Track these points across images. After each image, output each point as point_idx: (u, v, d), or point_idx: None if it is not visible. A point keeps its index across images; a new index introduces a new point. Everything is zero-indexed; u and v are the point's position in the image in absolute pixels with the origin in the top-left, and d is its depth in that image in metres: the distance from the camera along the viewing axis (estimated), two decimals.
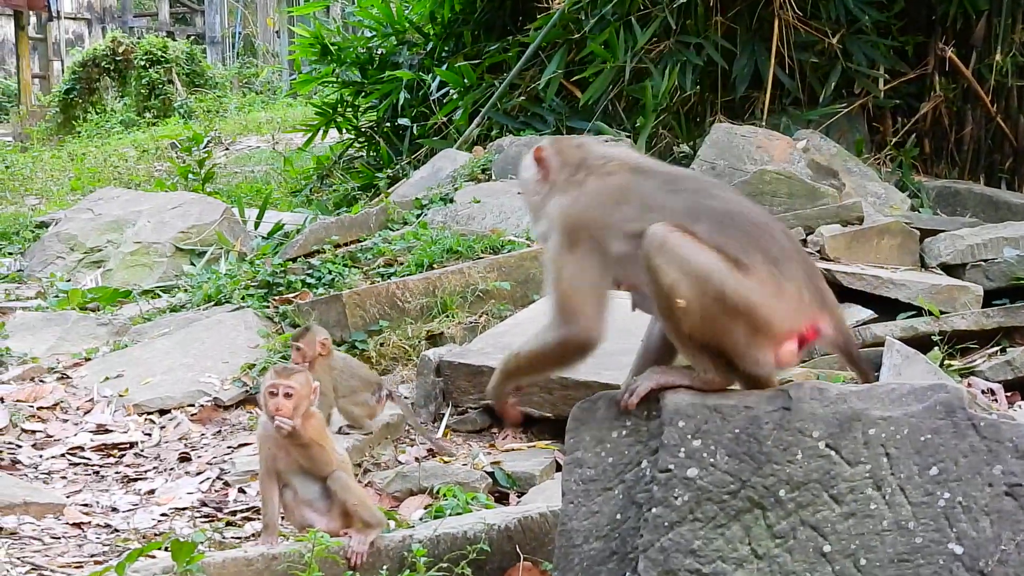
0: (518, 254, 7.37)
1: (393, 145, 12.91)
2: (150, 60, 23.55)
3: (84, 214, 10.53)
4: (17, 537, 4.83)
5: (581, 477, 3.52)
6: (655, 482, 3.37)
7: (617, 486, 3.47)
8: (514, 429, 5.41)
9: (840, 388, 3.44)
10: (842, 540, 3.24)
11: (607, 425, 3.55)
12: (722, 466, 3.33)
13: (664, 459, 3.38)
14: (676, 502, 3.33)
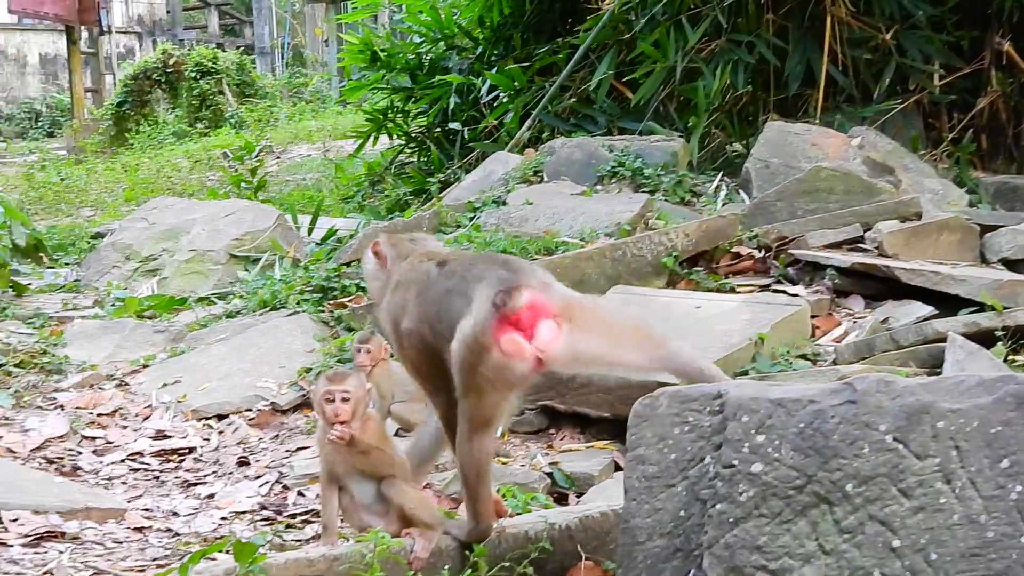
0: (573, 255, 7.33)
1: (444, 149, 12.93)
2: (201, 71, 23.73)
3: (139, 223, 10.60)
4: (80, 542, 4.86)
5: (644, 474, 3.50)
6: (719, 478, 3.34)
7: (680, 483, 3.44)
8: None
9: (907, 381, 3.39)
10: (912, 535, 3.18)
11: (669, 421, 3.52)
12: (787, 461, 3.29)
13: (728, 455, 3.34)
14: (741, 498, 3.29)
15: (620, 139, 10.33)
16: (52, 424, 6.38)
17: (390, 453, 4.18)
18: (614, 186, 9.56)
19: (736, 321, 6.32)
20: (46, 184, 16.88)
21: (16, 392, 6.78)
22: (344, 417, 4.10)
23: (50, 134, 30.94)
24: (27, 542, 4.78)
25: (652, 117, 10.91)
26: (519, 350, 3.72)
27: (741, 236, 7.73)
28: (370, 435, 4.15)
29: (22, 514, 4.97)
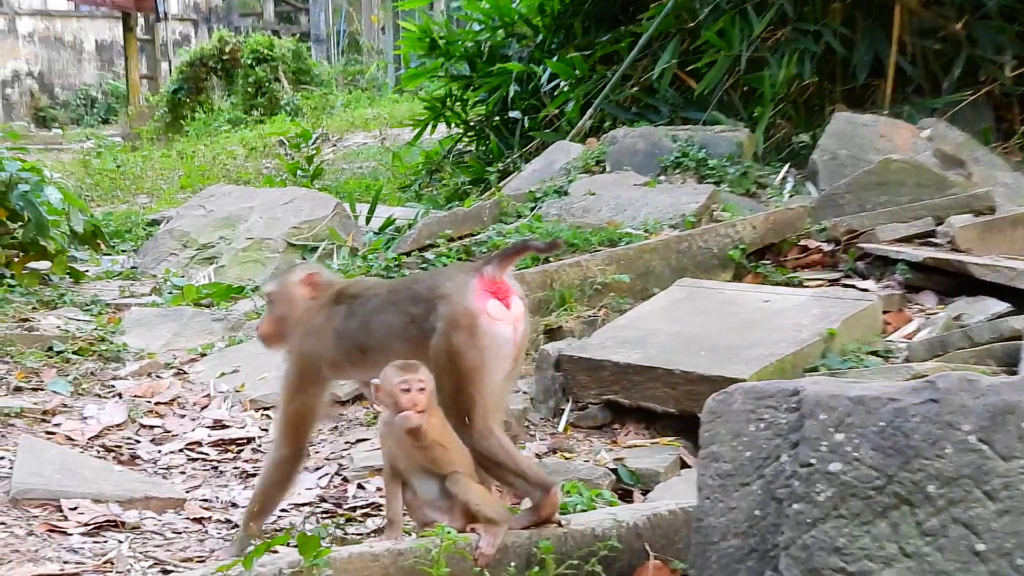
0: (637, 246, 7.29)
1: (503, 139, 12.90)
2: (256, 59, 23.80)
3: (196, 211, 10.64)
4: (139, 531, 4.87)
5: (718, 472, 3.45)
6: (796, 477, 3.28)
7: (755, 481, 3.39)
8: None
9: (990, 379, 3.32)
10: (996, 538, 3.12)
11: (744, 418, 3.46)
12: (867, 460, 3.23)
13: (805, 453, 3.29)
14: (819, 498, 3.24)
15: (684, 129, 10.27)
16: (110, 412, 6.40)
17: (452, 448, 4.13)
18: (678, 177, 9.51)
19: (806, 316, 6.25)
20: (102, 171, 17.00)
21: (75, 379, 6.81)
22: (421, 407, 4.06)
23: (105, 121, 31.20)
24: (87, 531, 4.80)
25: (716, 107, 10.83)
26: (504, 313, 4.07)
27: (809, 229, 7.66)
28: (433, 430, 4.12)
29: (82, 503, 5.00)
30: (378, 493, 5.35)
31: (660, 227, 7.99)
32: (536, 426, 6.10)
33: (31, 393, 6.58)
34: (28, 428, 6.06)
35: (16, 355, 6.99)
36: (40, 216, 9.12)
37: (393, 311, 4.28)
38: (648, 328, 6.31)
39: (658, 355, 5.94)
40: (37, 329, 7.74)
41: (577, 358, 6.12)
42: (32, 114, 31.94)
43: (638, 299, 7.00)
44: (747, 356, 5.82)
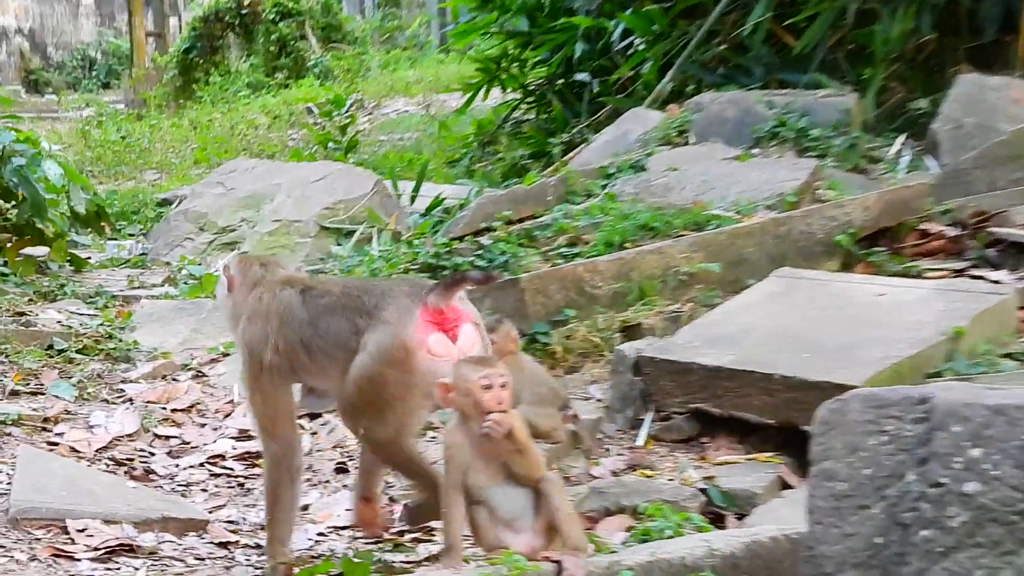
0: (728, 231, 7.28)
1: (568, 105, 12.91)
2: (280, 13, 23.95)
3: (214, 189, 10.75)
4: (157, 557, 4.92)
5: (832, 492, 3.44)
6: (924, 499, 3.27)
7: (876, 503, 3.37)
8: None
9: None
10: None
11: (862, 430, 3.45)
12: (1009, 480, 3.21)
13: (935, 471, 3.27)
14: (951, 523, 3.22)
15: (781, 94, 10.24)
16: (120, 420, 6.48)
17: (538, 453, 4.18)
18: (774, 149, 9.48)
19: (927, 312, 6.22)
20: (104, 143, 17.20)
21: (79, 382, 6.90)
22: (507, 406, 4.09)
23: (106, 85, 31.55)
24: (98, 556, 4.86)
25: (819, 68, 10.80)
26: (447, 350, 4.24)
27: (930, 211, 7.62)
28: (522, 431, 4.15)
29: (91, 523, 5.05)
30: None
31: (754, 208, 7.97)
32: (612, 439, 6.11)
33: (30, 398, 6.68)
34: (27, 438, 6.15)
35: (12, 354, 7.10)
36: (37, 194, 9.22)
37: (342, 316, 4.51)
38: (742, 325, 6.30)
39: (754, 357, 5.93)
40: (35, 324, 7.85)
41: (659, 360, 6.12)
42: (22, 77, 32.33)
43: (729, 292, 6.99)
44: (858, 359, 5.79)
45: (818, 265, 7.23)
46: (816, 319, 6.28)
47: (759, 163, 8.94)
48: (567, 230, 7.99)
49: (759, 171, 8.59)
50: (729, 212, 7.91)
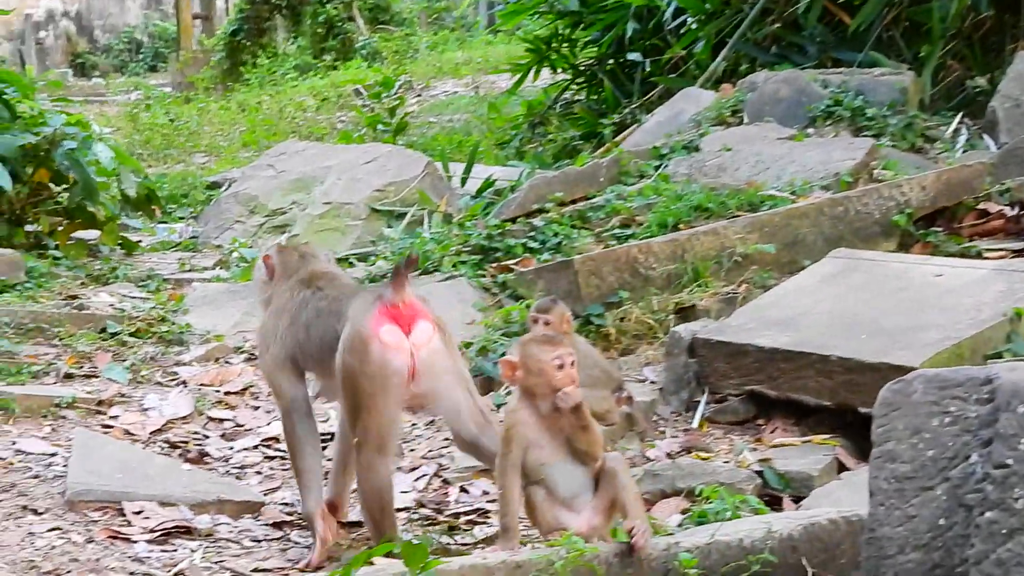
0: (784, 211, 7.26)
1: (620, 85, 12.89)
2: None
3: (264, 172, 10.78)
4: (213, 539, 4.96)
5: (894, 474, 3.44)
6: (989, 480, 3.27)
7: (939, 485, 3.37)
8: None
9: None
10: None
11: (926, 411, 3.45)
12: None
13: (1000, 452, 3.27)
14: (1016, 505, 3.22)
15: (836, 72, 10.20)
16: (174, 403, 6.53)
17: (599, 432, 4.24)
18: (829, 129, 9.45)
19: (986, 292, 6.19)
20: (153, 126, 17.28)
21: (133, 365, 6.95)
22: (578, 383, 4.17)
23: (153, 68, 31.69)
24: (153, 538, 4.91)
25: (874, 46, 10.74)
26: (398, 340, 4.51)
27: (989, 190, 7.58)
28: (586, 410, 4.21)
29: (147, 505, 5.10)
30: (484, 498, 5.41)
31: (809, 189, 7.95)
32: (666, 421, 6.12)
33: (84, 381, 6.73)
34: (82, 421, 6.20)
35: (65, 337, 7.15)
36: (88, 178, 9.27)
37: (327, 322, 4.82)
38: (798, 307, 6.30)
39: (810, 339, 5.92)
40: (87, 308, 7.91)
41: (714, 342, 6.13)
42: (69, 61, 32.48)
43: (785, 273, 6.98)
44: (916, 340, 5.77)
45: (875, 246, 7.22)
46: (873, 300, 6.26)
47: (814, 143, 8.91)
48: (620, 211, 7.99)
49: (814, 151, 8.57)
50: (784, 192, 7.90)
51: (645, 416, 6.00)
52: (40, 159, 9.27)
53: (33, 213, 9.55)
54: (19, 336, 7.07)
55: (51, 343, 7.14)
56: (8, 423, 6.05)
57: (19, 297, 7.88)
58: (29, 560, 4.62)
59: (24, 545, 4.75)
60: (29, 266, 8.53)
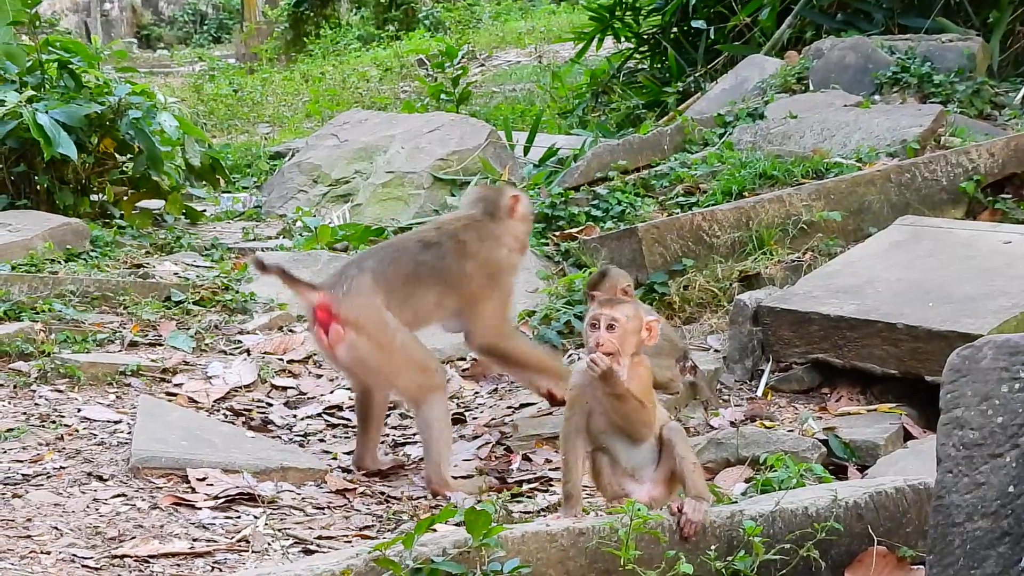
0: (849, 178, 7.20)
1: (684, 53, 12.79)
2: None
3: (328, 141, 10.78)
4: (276, 506, 4.98)
5: (962, 441, 3.39)
6: None
7: (1009, 452, 3.32)
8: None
9: None
10: None
11: (995, 377, 3.39)
12: None
13: None
14: None
15: (902, 39, 10.10)
16: (238, 371, 6.55)
17: (651, 409, 4.16)
18: (896, 96, 9.36)
19: None
20: (217, 97, 17.32)
21: (197, 334, 6.97)
22: (607, 348, 4.10)
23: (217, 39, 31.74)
24: (217, 505, 4.93)
25: (942, 12, 10.61)
26: (320, 339, 5.25)
27: None
28: (635, 382, 4.14)
29: (211, 473, 5.13)
30: (547, 466, 5.40)
31: (876, 156, 7.88)
32: (730, 389, 6.10)
33: (148, 349, 6.77)
34: (146, 388, 6.25)
35: (130, 306, 7.19)
36: (153, 147, 9.29)
37: None
38: (864, 275, 6.24)
39: (877, 307, 5.88)
40: (152, 276, 7.94)
41: (779, 310, 6.09)
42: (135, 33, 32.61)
43: (851, 240, 6.94)
44: (985, 308, 5.72)
45: (942, 213, 7.15)
46: (940, 268, 6.20)
47: (881, 110, 8.83)
48: (684, 179, 7.95)
49: (881, 118, 8.49)
50: (850, 160, 7.84)
51: (709, 385, 5.97)
52: (105, 128, 9.29)
53: (98, 182, 9.59)
54: (85, 304, 7.11)
55: (116, 311, 7.17)
56: (74, 391, 6.11)
57: (84, 266, 7.93)
58: (94, 526, 4.66)
59: (89, 511, 4.80)
60: (94, 235, 8.57)
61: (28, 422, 5.65)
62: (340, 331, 5.13)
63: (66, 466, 5.20)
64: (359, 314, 5.18)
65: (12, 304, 6.87)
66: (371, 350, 5.20)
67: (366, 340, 5.17)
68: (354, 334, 5.14)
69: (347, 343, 5.16)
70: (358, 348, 5.18)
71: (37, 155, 8.85)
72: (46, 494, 4.92)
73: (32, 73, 9.33)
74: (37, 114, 8.61)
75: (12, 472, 5.10)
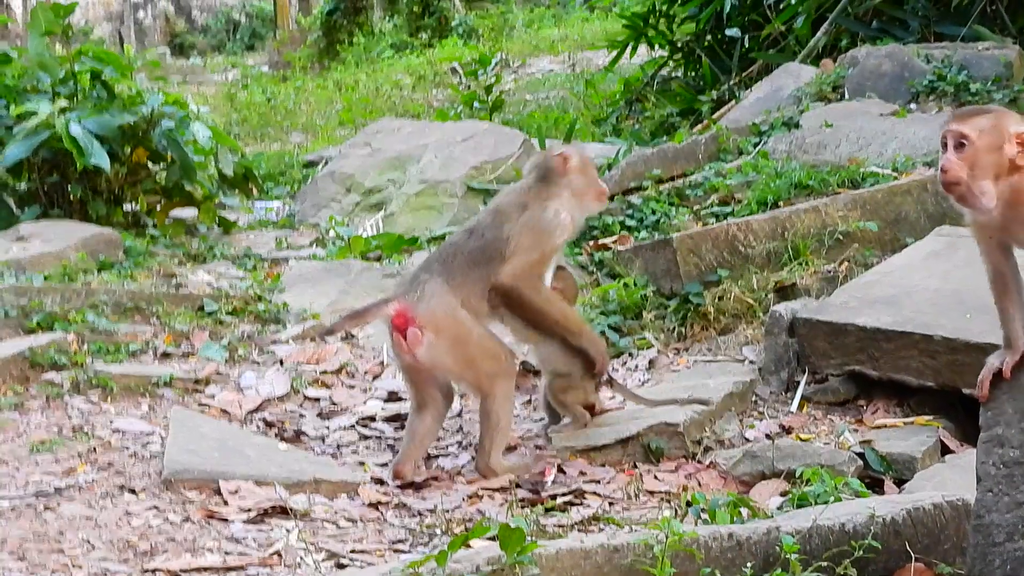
0: (886, 188, 7.14)
1: (718, 61, 12.75)
2: None
3: (360, 150, 10.78)
4: (309, 519, 4.95)
5: (1003, 459, 3.36)
6: None
7: None
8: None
9: None
10: None
11: None
12: None
13: None
14: None
15: (939, 47, 10.04)
16: (271, 381, 6.54)
17: None
18: (932, 104, 9.30)
19: None
20: (250, 105, 17.38)
21: (230, 344, 6.96)
22: (952, 176, 3.68)
23: (250, 47, 31.89)
24: (250, 518, 4.90)
25: (978, 20, 10.57)
26: (398, 343, 5.41)
27: None
28: None
29: (243, 485, 5.10)
30: (582, 479, 5.37)
31: (912, 165, 7.83)
32: (765, 401, 6.06)
33: (181, 359, 6.76)
34: (179, 399, 6.24)
35: (163, 316, 7.18)
36: (186, 157, 9.31)
37: None
38: (901, 285, 6.19)
39: (914, 318, 5.82)
40: (185, 286, 7.95)
41: (815, 321, 6.03)
42: (168, 41, 32.76)
43: (887, 251, 6.88)
44: None
45: None
46: (978, 279, 6.07)
47: (917, 118, 8.78)
48: (719, 188, 7.92)
49: (917, 127, 8.44)
50: (886, 169, 7.78)
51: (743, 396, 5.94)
52: (138, 138, 9.32)
53: (131, 192, 9.62)
54: (117, 315, 7.11)
55: (149, 322, 7.17)
56: (106, 401, 6.11)
57: (117, 276, 7.94)
58: (126, 540, 4.64)
59: (121, 524, 4.78)
60: (127, 245, 8.59)
61: (60, 434, 5.65)
62: (418, 334, 5.35)
63: (98, 478, 5.19)
64: (435, 316, 5.40)
65: (45, 315, 6.86)
66: (448, 348, 5.42)
67: (444, 339, 5.40)
68: (432, 335, 5.37)
69: (426, 344, 5.36)
70: (436, 348, 5.39)
71: (70, 165, 8.88)
72: (78, 507, 4.91)
73: (65, 83, 9.37)
74: (70, 124, 8.65)
75: (45, 485, 5.09)
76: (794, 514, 4.35)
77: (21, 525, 4.70)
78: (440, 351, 5.40)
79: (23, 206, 9.35)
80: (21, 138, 8.78)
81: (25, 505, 4.89)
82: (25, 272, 7.67)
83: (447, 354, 5.42)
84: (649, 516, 4.93)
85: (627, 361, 6.60)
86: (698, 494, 4.82)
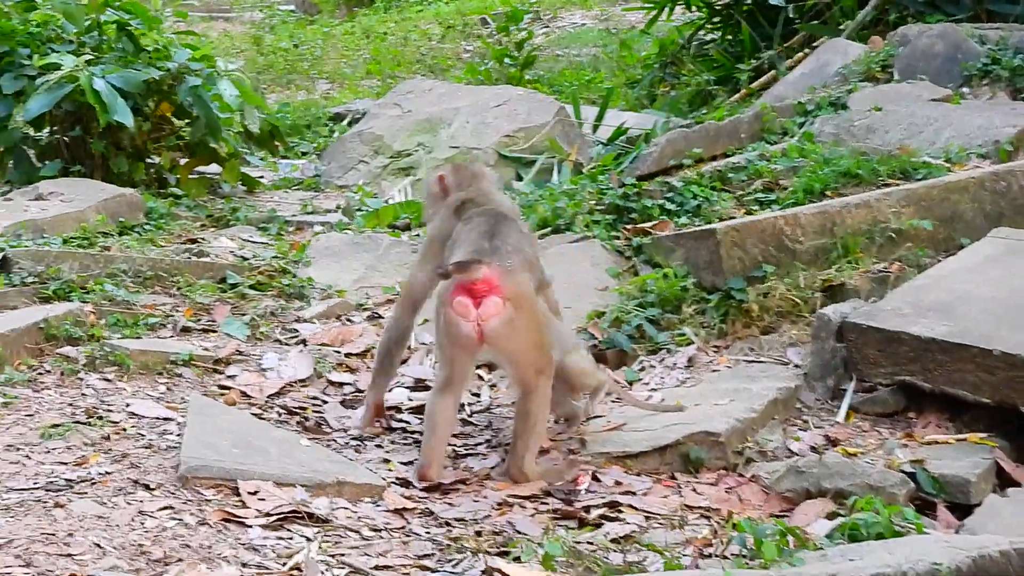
0: (941, 185, 6.83)
1: (758, 27, 12.39)
2: None
3: (390, 110, 10.54)
4: (330, 527, 4.69)
5: None
6: None
7: None
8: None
9: None
10: None
11: None
12: None
13: None
14: None
15: (994, 27, 9.74)
16: (293, 363, 6.31)
17: None
18: (986, 89, 9.00)
19: None
20: (276, 49, 17.09)
21: (252, 321, 6.72)
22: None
23: None
24: (269, 523, 4.65)
25: None
26: (466, 311, 5.04)
27: None
28: None
29: (263, 486, 4.85)
30: (618, 488, 5.12)
31: (966, 156, 7.54)
32: (810, 409, 5.81)
33: (201, 336, 6.54)
34: (198, 380, 6.02)
35: (184, 287, 6.96)
36: (211, 114, 9.11)
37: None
38: (956, 291, 5.91)
39: (971, 329, 5.56)
40: (207, 254, 7.71)
41: (866, 327, 5.76)
42: None
43: (941, 251, 6.61)
44: None
45: None
46: None
47: (972, 105, 8.48)
48: (763, 173, 7.63)
49: (972, 115, 8.15)
50: (939, 160, 7.49)
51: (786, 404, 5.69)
52: (163, 93, 9.12)
53: (154, 147, 9.39)
54: (137, 285, 6.90)
55: (169, 293, 6.95)
56: (122, 380, 5.89)
57: (138, 240, 7.71)
58: (139, 544, 4.39)
59: (134, 525, 4.54)
60: (149, 206, 8.37)
61: (74, 416, 5.41)
62: (500, 304, 5.05)
63: (111, 471, 4.94)
64: (520, 291, 5.16)
65: (62, 283, 6.65)
66: (521, 328, 5.13)
67: (521, 318, 5.12)
68: (513, 309, 5.08)
69: (503, 317, 5.06)
70: (510, 325, 5.08)
71: (93, 120, 8.70)
72: (89, 504, 4.65)
73: (89, 34, 9.14)
74: (94, 79, 8.46)
75: (56, 476, 4.85)
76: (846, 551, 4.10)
77: (29, 523, 4.45)
78: (512, 329, 5.09)
79: (44, 159, 9.16)
80: (44, 91, 8.57)
81: (34, 499, 4.65)
82: (43, 234, 7.44)
83: (517, 334, 5.12)
84: (690, 535, 4.69)
85: (664, 358, 6.33)
86: (743, 521, 4.56)
